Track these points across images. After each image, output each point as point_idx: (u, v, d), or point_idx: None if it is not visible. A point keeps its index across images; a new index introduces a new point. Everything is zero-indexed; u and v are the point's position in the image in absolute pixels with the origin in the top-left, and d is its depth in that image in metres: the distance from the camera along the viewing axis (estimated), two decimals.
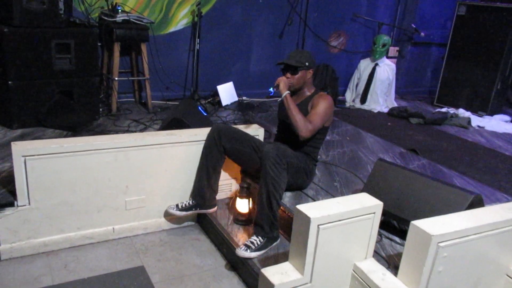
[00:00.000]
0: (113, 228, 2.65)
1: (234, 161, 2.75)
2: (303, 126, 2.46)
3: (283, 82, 2.54)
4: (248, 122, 4.10)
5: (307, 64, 2.57)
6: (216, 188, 2.73)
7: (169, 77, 4.67)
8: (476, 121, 5.09)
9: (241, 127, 2.89)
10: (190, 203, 2.67)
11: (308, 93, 2.67)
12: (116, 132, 3.57)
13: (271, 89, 2.55)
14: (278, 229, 2.41)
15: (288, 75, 2.58)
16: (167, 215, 2.76)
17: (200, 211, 2.71)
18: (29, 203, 2.37)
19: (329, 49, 5.74)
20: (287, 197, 2.65)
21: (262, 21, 5.15)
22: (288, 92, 2.53)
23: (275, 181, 2.28)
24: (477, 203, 2.19)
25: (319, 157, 3.39)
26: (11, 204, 2.36)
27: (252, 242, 2.32)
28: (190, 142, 2.72)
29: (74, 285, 2.24)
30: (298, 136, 2.49)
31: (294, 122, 2.49)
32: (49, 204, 2.42)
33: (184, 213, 2.65)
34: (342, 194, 2.79)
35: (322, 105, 2.56)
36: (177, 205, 2.65)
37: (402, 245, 2.17)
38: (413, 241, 1.81)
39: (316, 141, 2.65)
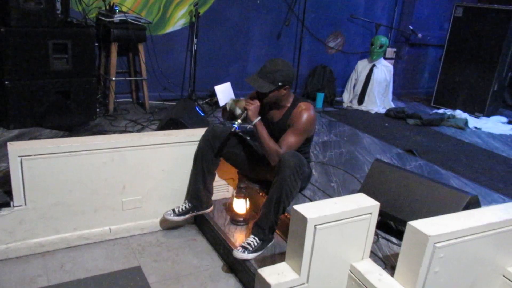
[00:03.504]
0: (110, 229, 2.65)
1: (229, 163, 2.74)
2: (275, 156, 2.34)
3: (251, 111, 2.35)
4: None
5: (280, 84, 2.35)
6: (211, 190, 2.72)
7: (167, 77, 4.66)
8: (473, 122, 5.11)
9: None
10: (187, 206, 2.65)
11: (287, 105, 2.48)
12: (113, 132, 3.56)
13: (234, 125, 2.37)
14: (274, 232, 2.40)
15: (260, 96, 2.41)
16: (165, 221, 2.74)
17: (197, 213, 2.70)
18: (25, 204, 2.36)
19: (326, 50, 5.75)
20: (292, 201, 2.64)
21: (260, 22, 5.15)
22: (258, 119, 2.37)
23: (289, 189, 2.24)
24: (473, 204, 2.19)
25: (316, 157, 3.40)
26: (7, 205, 2.35)
27: (249, 244, 2.31)
28: (187, 143, 2.72)
29: (70, 286, 2.23)
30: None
31: (265, 151, 2.39)
32: (46, 204, 2.42)
33: (182, 217, 2.63)
34: (339, 194, 2.79)
35: (301, 124, 2.38)
36: (173, 210, 2.63)
37: (399, 245, 2.18)
38: (409, 242, 1.81)
39: (305, 148, 2.55)
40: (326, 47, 5.73)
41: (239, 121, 2.37)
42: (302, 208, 1.85)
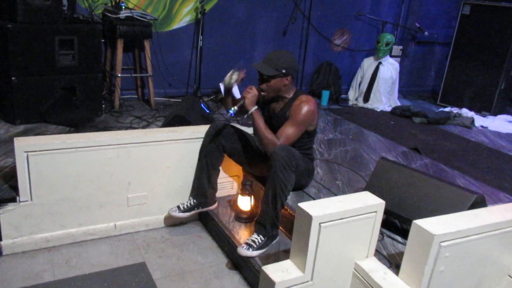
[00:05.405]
0: (115, 224, 2.66)
1: (233, 160, 2.73)
2: (272, 147, 2.30)
3: (248, 98, 2.35)
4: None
5: (284, 71, 2.36)
6: (216, 186, 2.72)
7: (172, 74, 4.67)
8: (480, 121, 5.08)
9: (240, 126, 2.88)
10: (192, 203, 2.65)
11: (287, 97, 2.47)
12: (119, 128, 3.57)
13: (230, 111, 2.35)
14: (278, 228, 2.40)
15: (264, 85, 2.42)
16: (169, 217, 2.75)
17: (202, 210, 2.70)
18: (31, 199, 2.38)
19: (332, 48, 5.72)
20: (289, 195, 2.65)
21: (266, 19, 5.14)
22: (255, 108, 2.36)
23: (283, 183, 2.25)
24: (479, 203, 2.18)
25: (321, 155, 3.39)
26: (13, 200, 2.37)
27: (253, 241, 2.32)
28: (192, 139, 2.72)
29: (75, 281, 2.25)
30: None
31: (262, 141, 2.37)
32: (51, 199, 2.43)
33: (187, 214, 2.64)
34: (344, 192, 2.78)
35: (299, 115, 2.36)
36: (178, 207, 2.63)
37: (404, 244, 2.17)
38: (415, 241, 1.81)
39: (306, 144, 2.55)
40: (332, 44, 5.70)
41: (236, 107, 2.36)
42: (307, 206, 1.85)
